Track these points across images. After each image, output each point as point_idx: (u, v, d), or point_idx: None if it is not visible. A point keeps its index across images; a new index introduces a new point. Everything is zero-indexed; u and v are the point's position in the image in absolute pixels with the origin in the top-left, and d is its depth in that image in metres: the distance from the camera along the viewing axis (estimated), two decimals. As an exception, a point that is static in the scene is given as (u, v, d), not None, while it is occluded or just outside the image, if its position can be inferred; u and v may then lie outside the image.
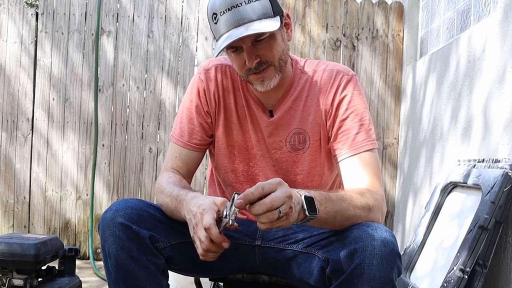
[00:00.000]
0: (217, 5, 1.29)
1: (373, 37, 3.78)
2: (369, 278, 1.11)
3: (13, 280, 1.77)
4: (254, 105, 1.46)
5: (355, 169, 1.34)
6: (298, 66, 1.48)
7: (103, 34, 3.69)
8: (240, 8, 1.27)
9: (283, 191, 1.05)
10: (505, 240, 2.06)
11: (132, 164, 3.70)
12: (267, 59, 1.33)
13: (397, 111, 3.79)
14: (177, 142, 1.49)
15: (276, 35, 1.32)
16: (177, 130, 1.50)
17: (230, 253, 1.39)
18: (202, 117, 1.48)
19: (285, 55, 1.37)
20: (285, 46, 1.37)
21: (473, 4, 2.83)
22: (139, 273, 1.24)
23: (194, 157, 1.50)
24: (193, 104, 1.49)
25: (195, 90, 1.49)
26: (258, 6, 1.27)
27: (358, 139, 1.36)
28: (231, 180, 1.52)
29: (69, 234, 3.67)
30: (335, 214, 1.17)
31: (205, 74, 1.49)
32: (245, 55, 1.32)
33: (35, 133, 3.64)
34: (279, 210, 1.04)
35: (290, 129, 1.44)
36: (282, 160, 1.46)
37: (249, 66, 1.33)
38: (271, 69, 1.34)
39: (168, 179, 1.41)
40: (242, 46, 1.31)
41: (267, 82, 1.35)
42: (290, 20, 1.40)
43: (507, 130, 2.15)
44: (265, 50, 1.32)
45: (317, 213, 1.12)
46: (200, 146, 1.50)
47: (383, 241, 1.12)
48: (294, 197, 1.07)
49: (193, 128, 1.48)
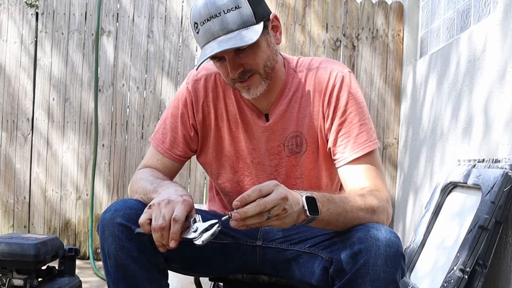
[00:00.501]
0: (197, 14, 1.26)
1: (373, 37, 3.78)
2: (373, 279, 1.11)
3: (13, 280, 1.77)
4: (248, 111, 1.42)
5: (358, 172, 1.32)
6: (291, 66, 1.43)
7: (103, 34, 3.69)
8: (219, 18, 1.23)
9: (278, 193, 1.04)
10: (505, 240, 2.06)
11: (132, 164, 3.69)
12: (251, 68, 1.29)
13: (397, 111, 3.79)
14: (157, 147, 1.46)
15: (260, 42, 1.27)
16: (159, 135, 1.47)
17: (230, 253, 1.39)
18: (187, 129, 1.45)
19: (271, 61, 1.32)
20: (271, 51, 1.32)
21: (473, 4, 2.83)
22: (139, 273, 1.23)
23: (173, 167, 1.47)
24: (179, 113, 1.46)
25: (183, 100, 1.46)
26: (239, 15, 1.23)
27: (359, 141, 1.33)
28: (227, 190, 1.50)
29: (69, 234, 3.67)
30: (338, 216, 1.16)
31: (193, 85, 1.46)
32: (228, 65, 1.28)
33: (35, 133, 3.64)
34: (269, 212, 1.03)
35: (287, 132, 1.41)
36: (281, 165, 1.43)
37: (231, 76, 1.29)
38: (256, 77, 1.31)
39: (150, 171, 1.40)
40: (225, 56, 1.27)
41: (253, 90, 1.32)
42: (278, 22, 1.35)
43: (507, 130, 2.15)
44: (248, 59, 1.28)
45: (318, 213, 1.11)
46: (181, 158, 1.47)
47: (388, 242, 1.12)
48: (291, 198, 1.06)
49: (175, 137, 1.45)
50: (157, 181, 1.31)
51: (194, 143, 1.48)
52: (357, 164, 1.32)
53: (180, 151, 1.46)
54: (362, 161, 1.32)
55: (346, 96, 1.36)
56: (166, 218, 1.11)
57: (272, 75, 1.35)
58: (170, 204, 1.14)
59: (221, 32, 1.23)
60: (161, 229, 1.11)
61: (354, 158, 1.32)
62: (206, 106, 1.45)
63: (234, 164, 1.46)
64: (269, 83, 1.35)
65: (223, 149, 1.46)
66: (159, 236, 1.12)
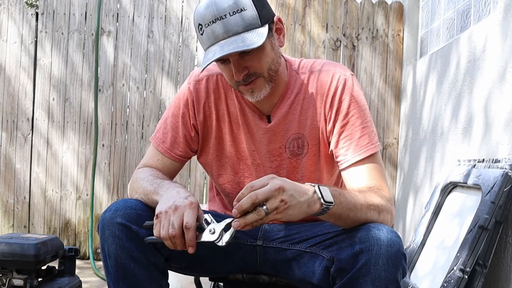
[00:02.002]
0: (202, 16, 1.25)
1: (373, 37, 3.78)
2: (374, 278, 1.11)
3: (13, 280, 1.77)
4: (250, 113, 1.42)
5: (361, 174, 1.32)
6: (293, 68, 1.43)
7: (103, 34, 3.69)
8: (224, 21, 1.22)
9: (272, 184, 1.04)
10: (505, 240, 2.06)
11: (132, 164, 3.69)
12: (255, 71, 1.29)
13: (397, 111, 3.79)
14: (158, 147, 1.46)
15: (265, 45, 1.27)
16: (160, 135, 1.47)
17: (231, 252, 1.39)
18: (187, 129, 1.45)
19: (275, 64, 1.32)
20: (275, 54, 1.32)
21: (473, 4, 2.83)
22: (139, 273, 1.24)
23: (174, 166, 1.47)
24: (180, 112, 1.46)
25: (184, 100, 1.46)
26: (244, 17, 1.22)
27: (362, 143, 1.33)
28: (228, 191, 1.50)
29: (69, 234, 3.67)
30: (349, 211, 1.16)
31: (195, 85, 1.45)
32: (232, 68, 1.28)
33: (35, 133, 3.64)
34: (264, 206, 1.03)
35: (288, 134, 1.41)
36: (283, 167, 1.43)
37: (236, 79, 1.29)
38: (260, 80, 1.31)
39: (150, 171, 1.40)
40: (229, 59, 1.27)
41: (256, 93, 1.32)
42: (282, 24, 1.35)
43: (507, 130, 2.15)
44: (252, 62, 1.28)
45: (333, 202, 1.11)
46: (181, 158, 1.47)
47: (389, 242, 1.12)
48: (290, 189, 1.06)
49: (176, 137, 1.45)
50: (157, 181, 1.31)
51: (194, 143, 1.47)
52: (360, 165, 1.32)
53: (181, 151, 1.46)
54: (365, 163, 1.32)
55: (348, 99, 1.36)
56: (176, 227, 1.11)
57: (276, 78, 1.35)
58: (178, 211, 1.14)
59: (226, 34, 1.23)
60: (172, 237, 1.12)
61: (357, 160, 1.32)
62: (207, 107, 1.45)
63: (234, 165, 1.46)
64: (273, 86, 1.35)
65: (224, 150, 1.46)
66: (171, 244, 1.13)
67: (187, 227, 1.11)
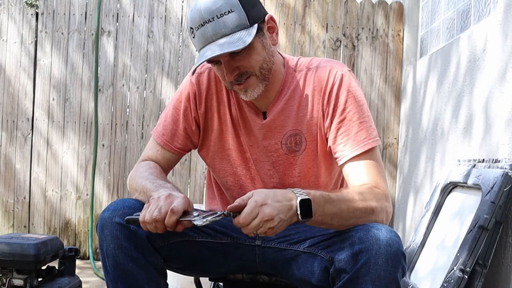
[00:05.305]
0: (192, 20, 1.28)
1: (373, 37, 3.78)
2: (374, 278, 1.12)
3: (13, 280, 1.77)
4: (247, 108, 1.44)
5: (358, 169, 1.32)
6: (291, 65, 1.44)
7: (103, 34, 3.69)
8: (213, 23, 1.25)
9: (261, 216, 1.09)
10: (505, 240, 2.06)
11: (132, 164, 3.69)
12: (246, 70, 1.31)
13: (397, 111, 3.79)
14: (157, 139, 1.49)
15: (255, 44, 1.29)
16: (160, 128, 1.50)
17: (229, 252, 1.39)
18: (188, 122, 1.47)
19: (267, 63, 1.34)
20: (266, 53, 1.33)
21: (473, 4, 2.83)
22: (137, 272, 1.24)
23: (172, 158, 1.50)
24: (182, 106, 1.47)
25: (186, 93, 1.48)
26: (232, 19, 1.25)
27: (359, 138, 1.33)
28: (229, 184, 1.50)
29: (69, 234, 3.67)
30: (333, 215, 1.18)
31: (197, 77, 1.47)
32: (224, 69, 1.30)
33: (35, 133, 3.64)
34: (256, 233, 1.10)
35: (285, 130, 1.42)
36: (279, 163, 1.44)
37: (228, 80, 1.31)
38: (252, 79, 1.32)
39: (150, 169, 1.41)
40: (220, 60, 1.29)
41: (250, 92, 1.34)
42: (275, 23, 1.36)
43: (507, 130, 2.15)
44: (243, 62, 1.30)
45: (311, 216, 1.13)
46: (180, 150, 1.49)
47: (388, 241, 1.13)
48: (277, 214, 1.10)
49: (176, 129, 1.47)
50: (158, 182, 1.32)
51: (195, 137, 1.49)
52: (357, 161, 1.32)
53: (180, 144, 1.48)
54: (362, 158, 1.32)
55: (345, 95, 1.36)
56: (162, 211, 1.13)
57: (269, 76, 1.36)
58: (170, 198, 1.16)
59: (215, 36, 1.25)
60: (154, 220, 1.13)
61: (354, 156, 1.32)
62: (209, 99, 1.47)
63: (235, 158, 1.47)
64: (267, 84, 1.36)
65: (224, 143, 1.47)
66: (152, 227, 1.14)
67: (173, 211, 1.12)
